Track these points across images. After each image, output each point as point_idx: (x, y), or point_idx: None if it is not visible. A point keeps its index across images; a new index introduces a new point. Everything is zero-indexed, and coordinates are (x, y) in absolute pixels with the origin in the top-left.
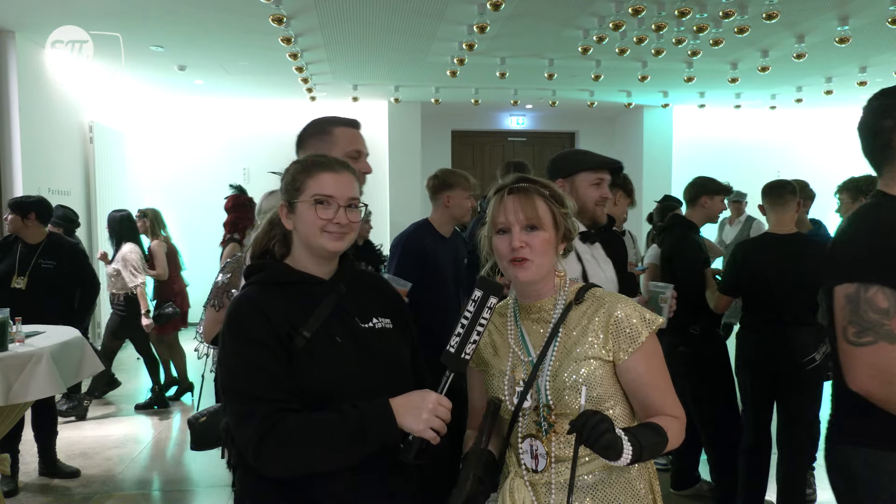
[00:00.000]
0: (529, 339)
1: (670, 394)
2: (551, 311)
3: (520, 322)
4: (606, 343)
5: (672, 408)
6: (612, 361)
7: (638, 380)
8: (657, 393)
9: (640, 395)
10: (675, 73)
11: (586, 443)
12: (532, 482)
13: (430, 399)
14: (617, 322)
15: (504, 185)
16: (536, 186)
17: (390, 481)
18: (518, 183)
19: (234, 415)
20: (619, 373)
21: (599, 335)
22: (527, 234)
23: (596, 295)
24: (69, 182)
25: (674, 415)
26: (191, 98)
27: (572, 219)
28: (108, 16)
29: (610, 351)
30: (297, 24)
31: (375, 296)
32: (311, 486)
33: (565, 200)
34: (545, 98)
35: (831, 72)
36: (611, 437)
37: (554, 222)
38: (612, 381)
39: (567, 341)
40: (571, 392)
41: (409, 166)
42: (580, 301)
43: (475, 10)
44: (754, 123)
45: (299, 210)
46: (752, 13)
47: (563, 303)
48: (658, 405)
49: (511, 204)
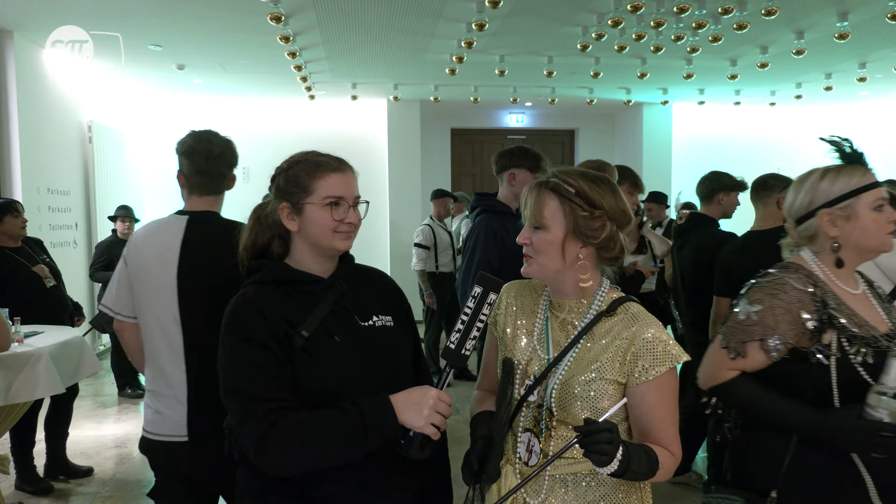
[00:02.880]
0: (552, 337)
1: (673, 431)
2: (580, 317)
3: (548, 316)
4: (624, 365)
5: (672, 444)
6: (623, 384)
7: (643, 407)
8: (660, 425)
9: (642, 422)
10: (675, 70)
11: (584, 447)
12: (522, 473)
13: (430, 395)
14: (642, 344)
15: (539, 180)
16: (560, 184)
17: (390, 479)
18: (550, 178)
19: (235, 414)
20: (628, 395)
21: (619, 355)
22: (532, 232)
23: (630, 311)
24: (68, 182)
25: (672, 451)
26: (190, 97)
27: (607, 222)
28: (106, 15)
29: (624, 374)
30: (296, 23)
31: (375, 293)
32: (311, 483)
33: (601, 203)
34: (544, 95)
35: (831, 68)
36: (605, 459)
37: (567, 223)
38: (617, 398)
39: (587, 352)
40: (575, 403)
41: (408, 164)
42: (612, 314)
43: (474, 7)
44: (754, 120)
45: (308, 212)
46: (751, 9)
47: (594, 311)
48: (657, 437)
49: (527, 199)
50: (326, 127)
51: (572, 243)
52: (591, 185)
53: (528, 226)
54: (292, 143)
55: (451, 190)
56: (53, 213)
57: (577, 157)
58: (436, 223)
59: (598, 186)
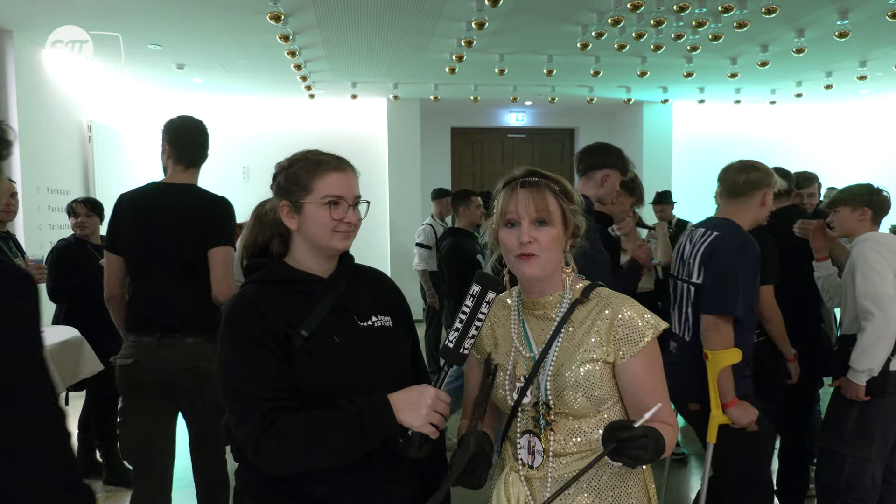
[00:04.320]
0: (532, 335)
1: (665, 399)
2: (555, 308)
3: (523, 317)
4: (608, 344)
5: (666, 415)
6: (611, 363)
7: (635, 382)
8: (651, 396)
9: (636, 398)
10: (675, 69)
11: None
12: (527, 477)
13: (428, 394)
14: (621, 323)
15: (514, 177)
16: (547, 181)
17: (389, 479)
18: (529, 176)
19: (233, 414)
20: (618, 374)
21: (602, 336)
22: (535, 229)
23: (601, 295)
24: (68, 181)
25: (668, 422)
26: (189, 96)
27: (581, 216)
28: (106, 15)
29: (610, 352)
30: (295, 22)
31: (375, 293)
32: (309, 483)
33: (574, 196)
34: (544, 94)
35: (831, 66)
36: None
37: (563, 218)
38: (611, 383)
39: (570, 340)
40: (571, 391)
41: (408, 164)
42: (585, 300)
43: (473, 6)
44: (754, 118)
45: (308, 210)
46: (751, 8)
47: (568, 300)
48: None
49: (522, 197)
50: (326, 126)
51: (567, 237)
52: (563, 183)
53: (529, 224)
54: (292, 142)
55: (451, 189)
56: (53, 213)
57: None
58: (437, 223)
59: (568, 183)
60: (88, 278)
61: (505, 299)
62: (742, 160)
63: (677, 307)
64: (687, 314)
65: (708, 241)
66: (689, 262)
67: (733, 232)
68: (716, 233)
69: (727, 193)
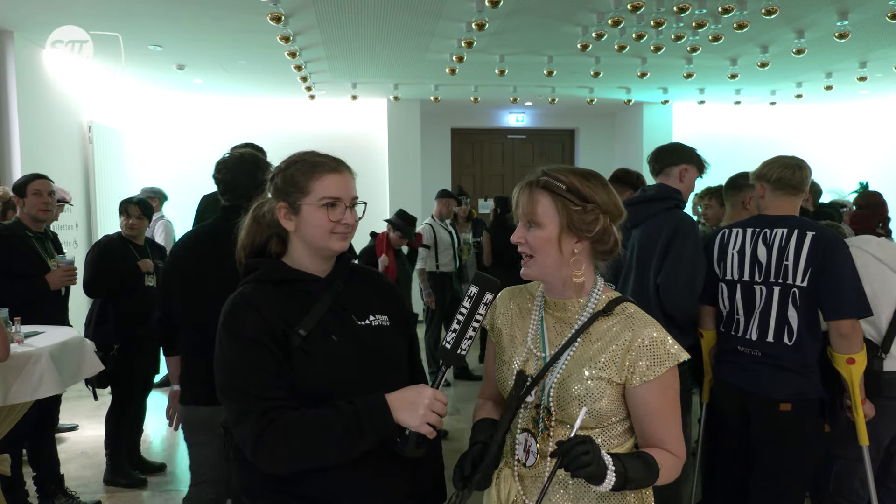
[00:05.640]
0: (548, 336)
1: (675, 429)
2: (577, 315)
3: (543, 315)
4: (622, 366)
5: (674, 444)
6: (622, 384)
7: (644, 407)
8: (661, 426)
9: (644, 423)
10: (675, 70)
11: (566, 468)
12: (520, 474)
13: (425, 394)
14: (641, 347)
15: (525, 178)
16: (550, 181)
17: (386, 478)
18: (532, 177)
19: (232, 413)
20: (628, 396)
21: (617, 357)
22: (527, 231)
23: (626, 312)
24: (68, 182)
25: (673, 452)
26: (190, 97)
27: (600, 216)
28: (106, 15)
29: (624, 375)
30: (296, 23)
31: (373, 293)
32: (307, 482)
33: (593, 197)
34: (544, 95)
35: (831, 67)
36: (591, 470)
37: (560, 219)
38: (618, 402)
39: (584, 352)
40: (575, 403)
41: (408, 164)
42: (608, 313)
43: (473, 6)
44: (754, 119)
45: (305, 212)
46: (751, 8)
47: (590, 310)
48: (659, 437)
49: (519, 199)
50: (326, 127)
51: (567, 239)
52: (581, 181)
53: (522, 225)
54: (292, 142)
55: (451, 190)
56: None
57: (577, 157)
58: (437, 223)
59: (588, 181)
60: (126, 276)
61: (534, 290)
62: (780, 157)
63: (759, 312)
64: (785, 317)
65: (806, 241)
66: (776, 265)
67: (826, 231)
68: (811, 232)
69: (787, 188)
